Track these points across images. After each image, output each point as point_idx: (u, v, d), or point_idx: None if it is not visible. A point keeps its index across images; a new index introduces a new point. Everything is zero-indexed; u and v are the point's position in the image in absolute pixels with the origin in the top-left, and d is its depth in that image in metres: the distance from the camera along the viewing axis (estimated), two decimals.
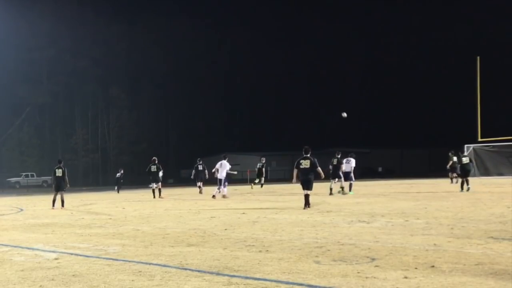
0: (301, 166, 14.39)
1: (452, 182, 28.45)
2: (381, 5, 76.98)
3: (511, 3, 56.88)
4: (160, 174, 23.81)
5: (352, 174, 21.49)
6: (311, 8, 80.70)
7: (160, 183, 23.41)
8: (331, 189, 20.63)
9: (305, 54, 77.55)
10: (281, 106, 77.51)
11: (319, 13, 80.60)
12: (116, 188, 32.83)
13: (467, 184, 20.78)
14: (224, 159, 21.16)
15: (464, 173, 21.44)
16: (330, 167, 21.29)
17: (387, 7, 76.05)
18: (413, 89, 75.63)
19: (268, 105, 77.58)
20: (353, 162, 21.65)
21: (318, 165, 14.38)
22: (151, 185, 24.00)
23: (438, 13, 73.63)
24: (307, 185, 14.32)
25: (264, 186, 28.89)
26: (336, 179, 21.11)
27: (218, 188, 20.75)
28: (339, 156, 21.29)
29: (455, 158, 28.05)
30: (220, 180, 20.78)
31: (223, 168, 20.84)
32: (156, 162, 23.52)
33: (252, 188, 28.61)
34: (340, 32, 78.19)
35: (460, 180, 22.01)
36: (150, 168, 23.49)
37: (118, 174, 33.45)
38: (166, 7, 72.88)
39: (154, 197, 22.82)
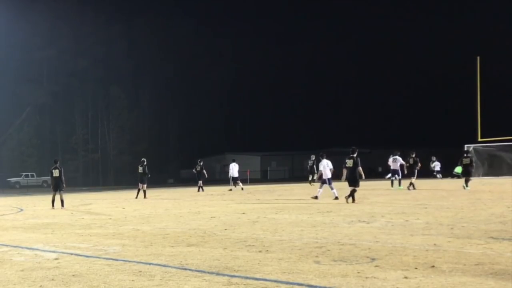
0: (346, 165, 16.10)
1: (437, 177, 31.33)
2: (382, 4, 77.00)
3: (511, 3, 56.88)
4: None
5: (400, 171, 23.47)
6: (311, 7, 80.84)
7: (145, 185, 23.52)
8: (412, 184, 21.97)
9: (305, 54, 77.60)
10: (281, 106, 77.50)
11: (318, 12, 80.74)
12: (200, 184, 27.71)
13: (466, 184, 21.68)
14: (323, 158, 18.99)
15: (465, 173, 22.70)
16: (406, 165, 22.82)
17: (388, 7, 76.10)
18: (413, 89, 75.61)
19: (268, 105, 77.55)
20: (400, 160, 23.52)
21: (359, 164, 15.84)
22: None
23: (438, 13, 73.71)
24: (352, 182, 15.97)
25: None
26: (413, 177, 22.43)
27: (332, 189, 18.13)
28: (413, 156, 22.79)
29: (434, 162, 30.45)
30: (327, 180, 18.44)
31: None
32: (144, 163, 23.76)
33: (311, 185, 28.67)
34: (339, 31, 78.32)
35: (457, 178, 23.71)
36: (138, 169, 23.85)
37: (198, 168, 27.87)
38: (166, 7, 72.86)
39: (137, 197, 23.04)
